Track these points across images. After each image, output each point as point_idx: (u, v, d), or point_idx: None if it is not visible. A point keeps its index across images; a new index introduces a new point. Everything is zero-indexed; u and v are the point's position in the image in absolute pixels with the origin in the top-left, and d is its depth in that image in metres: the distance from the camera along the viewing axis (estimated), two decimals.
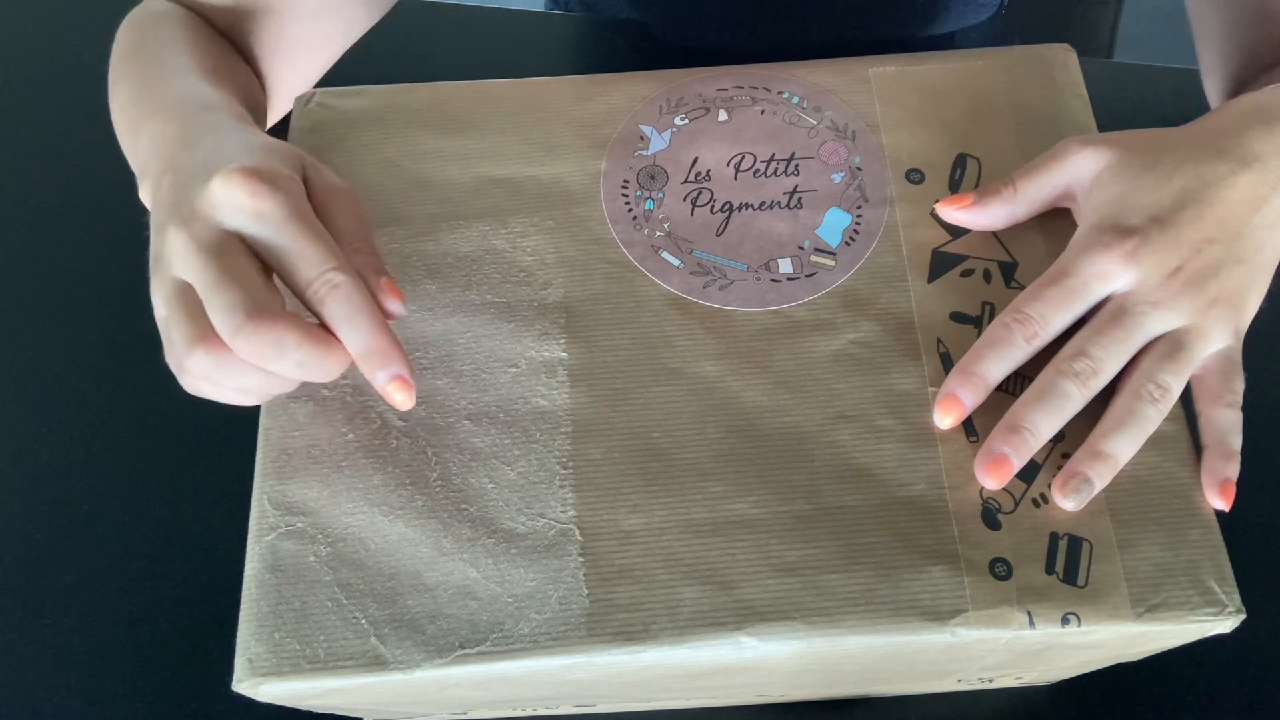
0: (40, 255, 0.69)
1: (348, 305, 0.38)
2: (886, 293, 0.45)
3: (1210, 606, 0.39)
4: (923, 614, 0.39)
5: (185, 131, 0.43)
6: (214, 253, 0.37)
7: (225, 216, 0.38)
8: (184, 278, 0.38)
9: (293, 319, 0.37)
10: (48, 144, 0.74)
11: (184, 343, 0.38)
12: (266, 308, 0.37)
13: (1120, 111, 0.60)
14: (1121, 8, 1.06)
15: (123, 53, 0.51)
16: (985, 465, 0.40)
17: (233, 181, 0.38)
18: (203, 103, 0.46)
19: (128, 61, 0.51)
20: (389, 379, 0.38)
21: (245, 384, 0.39)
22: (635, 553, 0.40)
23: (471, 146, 0.48)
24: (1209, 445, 0.42)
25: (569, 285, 0.45)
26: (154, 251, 0.40)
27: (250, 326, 0.36)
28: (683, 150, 0.48)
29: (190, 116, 0.45)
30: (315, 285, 0.38)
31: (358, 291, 0.38)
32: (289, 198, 0.38)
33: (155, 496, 0.61)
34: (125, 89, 0.49)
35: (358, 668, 0.39)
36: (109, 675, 0.56)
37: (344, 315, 0.38)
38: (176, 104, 0.46)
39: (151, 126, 0.45)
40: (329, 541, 0.41)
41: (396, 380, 0.39)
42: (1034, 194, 0.45)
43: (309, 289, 0.38)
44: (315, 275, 0.38)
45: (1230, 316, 0.42)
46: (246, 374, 0.38)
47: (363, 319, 0.38)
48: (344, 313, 0.38)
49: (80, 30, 0.79)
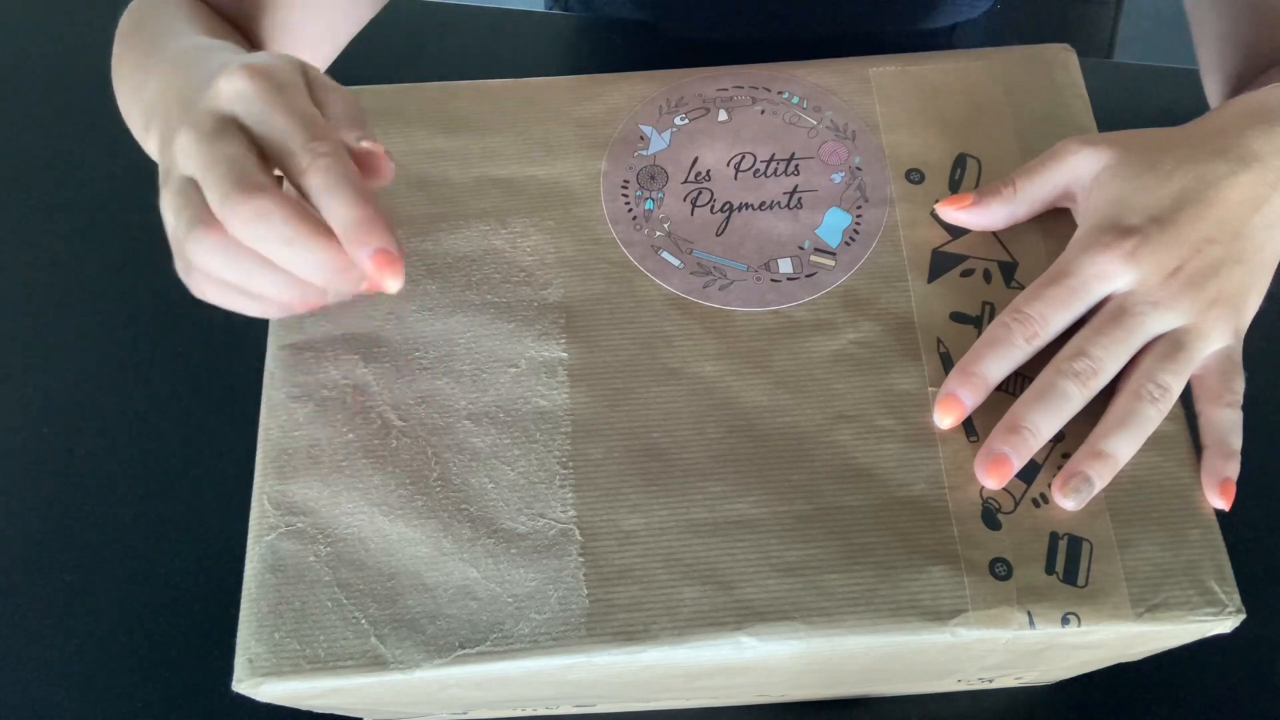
0: (41, 255, 0.69)
1: (329, 174, 0.36)
2: (886, 293, 0.45)
3: (1210, 606, 0.39)
4: (923, 614, 0.39)
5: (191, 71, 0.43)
6: (211, 138, 0.37)
7: (224, 104, 0.38)
8: (187, 173, 0.38)
9: (278, 192, 0.36)
10: (48, 144, 0.74)
11: (185, 230, 0.37)
12: (253, 181, 0.36)
13: (1120, 111, 0.60)
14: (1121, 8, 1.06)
15: (125, 35, 0.52)
16: (985, 465, 0.40)
17: (235, 73, 0.38)
18: (208, 46, 0.46)
19: (130, 41, 0.51)
20: (373, 253, 0.36)
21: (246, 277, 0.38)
22: (635, 553, 0.40)
23: (471, 146, 0.48)
24: (1209, 445, 0.42)
25: (569, 285, 0.45)
26: (164, 167, 0.40)
27: (235, 195, 0.36)
28: (683, 150, 0.48)
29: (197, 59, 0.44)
30: (299, 155, 0.37)
31: (340, 162, 0.37)
32: (283, 81, 0.38)
33: (155, 496, 0.61)
34: (129, 62, 0.49)
35: (358, 668, 0.39)
36: (109, 675, 0.56)
37: (324, 184, 0.36)
38: (183, 54, 0.46)
39: (158, 79, 0.45)
40: (329, 541, 0.41)
41: (380, 255, 0.36)
42: (1034, 194, 0.45)
43: (293, 159, 0.37)
44: (299, 145, 0.37)
45: (1230, 316, 0.42)
46: (245, 262, 0.37)
47: (344, 188, 0.36)
48: (325, 181, 0.36)
49: (81, 30, 0.79)
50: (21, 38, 0.79)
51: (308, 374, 0.44)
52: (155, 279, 0.68)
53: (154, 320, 0.66)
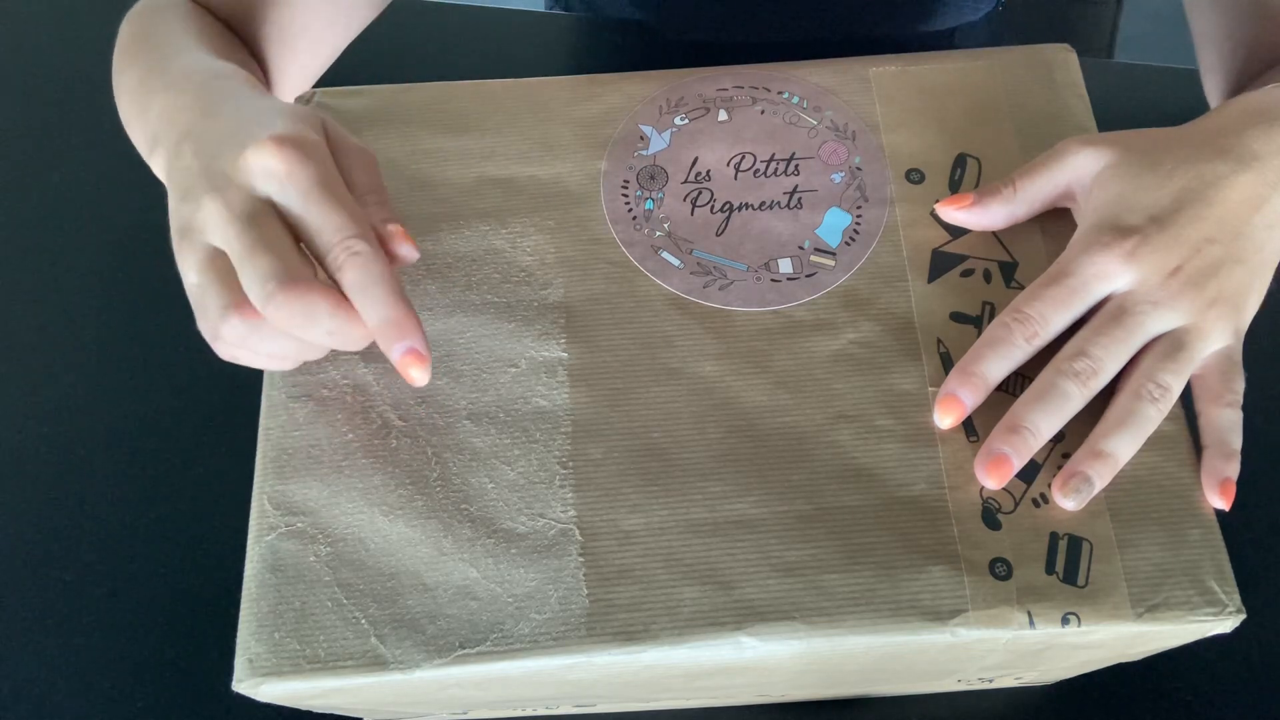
0: (41, 255, 0.69)
1: (365, 273, 0.38)
2: (886, 293, 0.45)
3: (1210, 606, 0.39)
4: (923, 614, 0.39)
5: (200, 99, 0.44)
6: (248, 221, 0.38)
7: (259, 184, 0.38)
8: (217, 245, 0.38)
9: (324, 288, 0.38)
10: (49, 144, 0.74)
11: (218, 310, 0.38)
12: (299, 276, 0.37)
13: (1120, 111, 0.60)
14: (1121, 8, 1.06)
15: (126, 44, 0.52)
16: (985, 465, 0.40)
17: (265, 150, 0.38)
18: (214, 72, 0.46)
19: (132, 51, 0.51)
20: (404, 352, 0.38)
21: (277, 349, 0.40)
22: (635, 553, 0.40)
23: (471, 146, 0.48)
24: (1209, 445, 0.42)
25: (569, 285, 0.45)
26: (182, 220, 0.40)
27: (283, 294, 0.37)
28: (683, 150, 0.48)
29: (204, 85, 0.45)
30: (335, 251, 0.38)
31: (377, 261, 0.38)
32: (318, 165, 0.39)
33: (155, 496, 0.61)
34: (131, 74, 0.49)
35: (358, 668, 0.39)
36: (109, 675, 0.56)
37: (361, 282, 0.38)
38: (187, 75, 0.46)
39: (163, 99, 0.45)
40: (329, 541, 0.41)
41: (410, 354, 0.38)
42: (1034, 194, 0.45)
43: (329, 254, 0.38)
44: (337, 241, 0.38)
45: (1230, 316, 0.42)
46: (279, 340, 0.39)
47: (379, 287, 0.38)
48: (361, 280, 0.38)
49: (81, 32, 0.79)
50: (22, 38, 0.79)
51: (308, 374, 0.44)
52: (156, 279, 0.68)
53: (154, 320, 0.66)
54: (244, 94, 0.43)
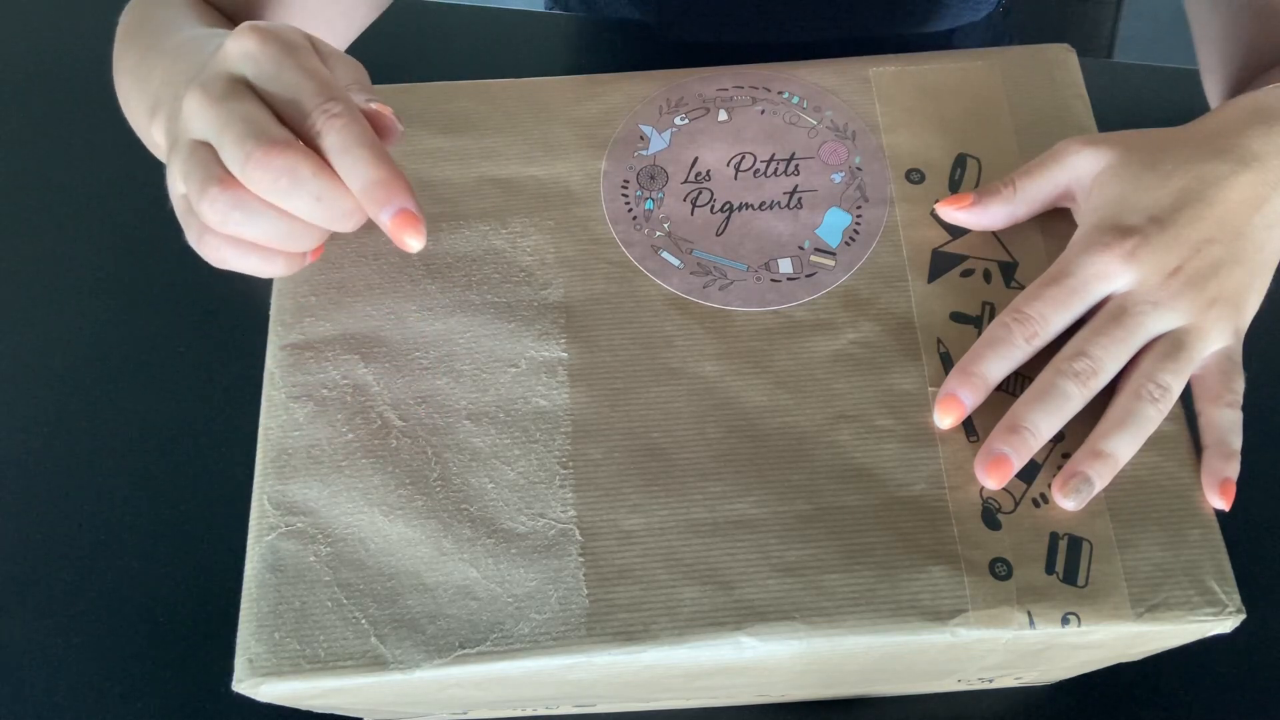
0: (41, 254, 0.69)
1: (345, 134, 0.37)
2: (886, 293, 0.45)
3: (1210, 606, 0.39)
4: (923, 614, 0.39)
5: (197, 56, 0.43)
6: (223, 98, 0.37)
7: (235, 65, 0.38)
8: (197, 136, 0.38)
9: (305, 149, 0.37)
10: (49, 144, 0.74)
11: (199, 188, 0.37)
12: (277, 138, 0.36)
13: (1120, 111, 0.60)
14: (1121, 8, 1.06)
15: (125, 34, 0.52)
16: (985, 465, 0.40)
17: (242, 34, 0.38)
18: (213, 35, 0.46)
19: (132, 33, 0.51)
20: (394, 214, 0.37)
21: (263, 233, 0.38)
22: (635, 553, 0.40)
23: (471, 146, 0.48)
24: (1209, 445, 0.42)
25: (569, 285, 0.45)
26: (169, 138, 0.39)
27: (261, 152, 0.36)
28: (683, 150, 0.48)
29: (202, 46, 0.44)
30: (314, 117, 0.37)
31: (356, 121, 0.37)
32: (292, 42, 0.38)
33: (155, 496, 0.61)
34: (131, 55, 0.49)
35: (358, 668, 0.39)
36: (109, 675, 0.56)
37: (341, 144, 0.37)
38: (186, 42, 0.46)
39: (164, 68, 0.45)
40: (329, 541, 0.41)
41: (401, 215, 0.37)
42: (1034, 194, 0.45)
43: (308, 122, 0.37)
44: (313, 107, 0.37)
45: (1230, 316, 0.42)
46: (265, 219, 0.37)
47: (361, 148, 0.37)
48: (341, 141, 0.37)
49: (80, 28, 0.79)
50: (21, 37, 0.79)
51: (308, 374, 0.44)
52: (156, 279, 0.68)
53: (154, 320, 0.66)
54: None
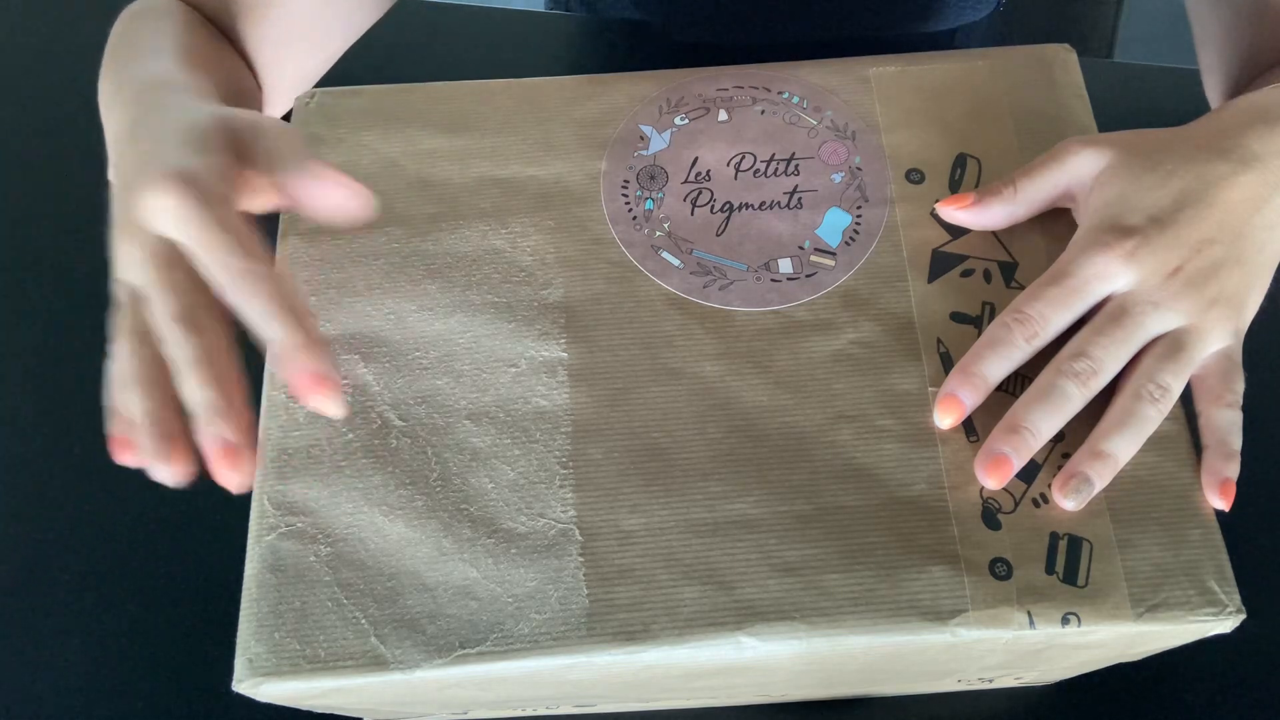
0: (41, 255, 0.69)
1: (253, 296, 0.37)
2: (886, 293, 0.45)
3: (1210, 606, 0.39)
4: (923, 614, 0.39)
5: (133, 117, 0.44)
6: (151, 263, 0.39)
7: (157, 223, 0.39)
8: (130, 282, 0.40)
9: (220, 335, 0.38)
10: (49, 144, 0.74)
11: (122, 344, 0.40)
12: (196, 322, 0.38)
13: (1120, 111, 0.60)
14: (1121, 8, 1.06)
15: (112, 45, 0.52)
16: (985, 465, 0.40)
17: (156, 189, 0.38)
18: (153, 82, 0.46)
19: (114, 52, 0.51)
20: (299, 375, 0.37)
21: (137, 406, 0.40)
22: (635, 553, 0.40)
23: (471, 146, 0.48)
24: (1209, 445, 0.42)
25: (569, 285, 0.45)
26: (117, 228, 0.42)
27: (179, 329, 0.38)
28: (683, 150, 0.48)
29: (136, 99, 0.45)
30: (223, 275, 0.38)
31: (264, 279, 0.38)
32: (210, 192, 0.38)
33: (155, 496, 0.60)
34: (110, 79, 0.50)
35: (358, 668, 0.39)
36: (109, 675, 0.56)
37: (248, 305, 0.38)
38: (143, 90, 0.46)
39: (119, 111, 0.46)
40: (329, 541, 0.41)
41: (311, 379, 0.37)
42: (1034, 194, 0.45)
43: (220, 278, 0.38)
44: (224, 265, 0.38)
45: (1230, 317, 0.42)
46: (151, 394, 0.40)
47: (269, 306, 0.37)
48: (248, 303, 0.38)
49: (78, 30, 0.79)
50: (20, 37, 0.79)
51: None
52: None
53: None
54: (169, 107, 0.43)
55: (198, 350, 0.38)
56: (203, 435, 0.38)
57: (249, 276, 0.37)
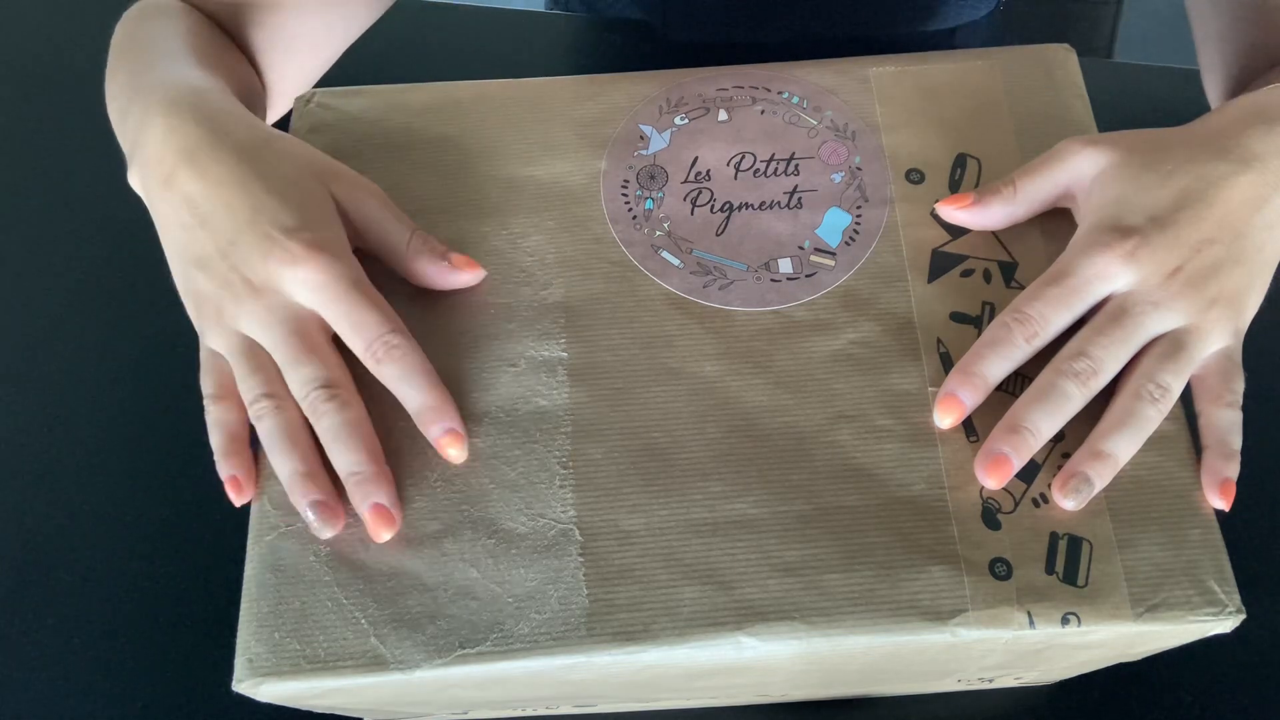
0: (41, 255, 0.69)
1: (403, 365, 0.41)
2: (886, 293, 0.45)
3: (1210, 606, 0.39)
4: (923, 614, 0.39)
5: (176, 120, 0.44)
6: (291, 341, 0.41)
7: (295, 293, 0.41)
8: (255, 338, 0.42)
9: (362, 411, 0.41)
10: (50, 143, 0.74)
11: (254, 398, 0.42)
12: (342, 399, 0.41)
13: (1120, 111, 0.60)
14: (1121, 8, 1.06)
15: (118, 45, 0.52)
16: (985, 465, 0.40)
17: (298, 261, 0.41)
18: (189, 87, 0.46)
19: (122, 53, 0.51)
20: (442, 433, 0.41)
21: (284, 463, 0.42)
22: (635, 553, 0.40)
23: (471, 146, 0.48)
24: (1209, 445, 0.42)
25: (569, 285, 0.45)
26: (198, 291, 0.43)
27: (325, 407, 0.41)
28: (683, 150, 0.48)
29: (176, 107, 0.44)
30: (374, 347, 0.41)
31: (413, 352, 0.41)
32: (345, 266, 0.42)
33: (155, 496, 0.61)
34: (118, 80, 0.49)
35: (358, 668, 0.39)
36: (109, 675, 0.56)
37: (400, 374, 0.41)
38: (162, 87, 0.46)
39: (138, 109, 0.45)
40: (329, 541, 0.41)
41: (449, 434, 0.41)
42: (1034, 194, 0.45)
43: (369, 350, 0.41)
44: (374, 338, 0.41)
45: (1230, 316, 0.42)
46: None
47: (417, 377, 0.41)
48: (400, 372, 0.41)
49: (79, 30, 0.79)
50: (20, 37, 0.79)
51: None
52: (155, 278, 0.67)
53: (155, 320, 0.66)
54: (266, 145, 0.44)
55: (349, 421, 0.40)
56: (357, 499, 0.40)
57: (399, 351, 0.41)
